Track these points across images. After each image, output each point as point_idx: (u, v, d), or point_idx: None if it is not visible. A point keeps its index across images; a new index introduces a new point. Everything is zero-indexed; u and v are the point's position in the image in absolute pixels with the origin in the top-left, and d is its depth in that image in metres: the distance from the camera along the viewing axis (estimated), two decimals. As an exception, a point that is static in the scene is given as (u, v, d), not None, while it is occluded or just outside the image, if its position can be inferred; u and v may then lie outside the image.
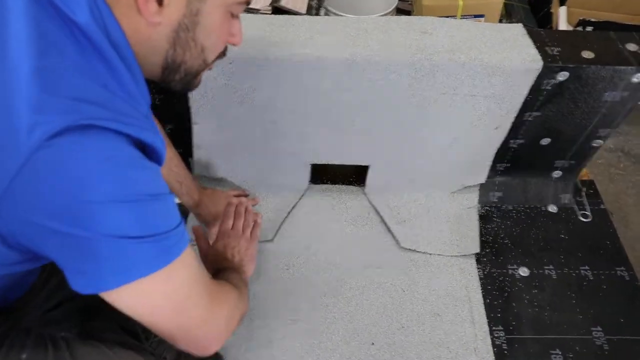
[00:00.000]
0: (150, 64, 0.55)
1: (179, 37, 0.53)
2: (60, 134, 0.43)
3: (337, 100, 0.98)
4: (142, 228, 0.49)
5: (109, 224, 0.46)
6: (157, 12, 0.49)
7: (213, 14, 0.54)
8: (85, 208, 0.45)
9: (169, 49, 0.54)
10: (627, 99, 0.99)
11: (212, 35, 0.56)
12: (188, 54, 0.56)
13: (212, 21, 0.54)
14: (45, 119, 0.43)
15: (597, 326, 1.00)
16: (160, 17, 0.50)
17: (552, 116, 1.03)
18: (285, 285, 1.04)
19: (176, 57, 0.55)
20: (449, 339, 0.97)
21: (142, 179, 0.49)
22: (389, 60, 0.90)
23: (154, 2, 0.49)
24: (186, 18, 0.52)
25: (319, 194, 1.20)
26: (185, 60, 0.56)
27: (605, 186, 1.66)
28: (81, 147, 0.44)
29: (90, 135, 0.44)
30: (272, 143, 1.08)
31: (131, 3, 0.48)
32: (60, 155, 0.43)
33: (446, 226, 1.14)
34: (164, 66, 0.56)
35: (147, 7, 0.48)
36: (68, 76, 0.46)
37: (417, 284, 1.05)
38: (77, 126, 0.43)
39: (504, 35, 0.97)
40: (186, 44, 0.54)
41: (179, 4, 0.50)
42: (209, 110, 1.02)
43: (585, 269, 1.09)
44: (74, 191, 0.44)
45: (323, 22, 0.97)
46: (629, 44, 0.98)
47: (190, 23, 0.52)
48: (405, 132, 1.04)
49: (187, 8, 0.51)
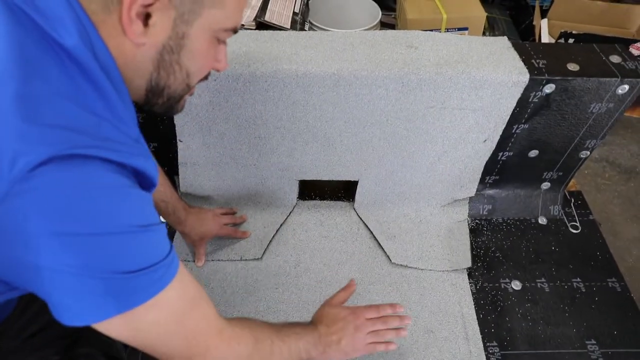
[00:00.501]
0: (134, 87, 0.54)
1: (163, 60, 0.52)
2: (44, 164, 0.41)
3: (324, 115, 0.97)
4: (132, 262, 0.47)
5: (96, 258, 0.45)
6: (142, 32, 0.49)
7: (199, 38, 0.53)
8: (70, 242, 0.44)
9: (153, 71, 0.53)
10: (612, 110, 0.99)
11: (197, 59, 0.55)
12: (172, 78, 0.55)
13: (198, 45, 0.53)
14: (28, 149, 0.41)
15: (592, 339, 0.99)
16: (145, 37, 0.49)
17: (539, 128, 1.03)
18: (275, 304, 1.01)
19: (160, 81, 0.54)
20: (443, 356, 0.95)
21: (131, 209, 0.48)
22: (376, 75, 0.90)
23: (139, 22, 0.48)
24: (171, 40, 0.51)
25: (308, 210, 1.18)
26: (169, 84, 0.55)
27: (593, 196, 1.67)
28: (65, 177, 0.42)
29: (75, 164, 0.43)
30: (259, 160, 1.06)
31: (116, 24, 0.48)
32: (42, 187, 0.41)
33: (437, 241, 1.13)
34: (148, 89, 0.55)
35: (132, 28, 0.48)
36: (53, 103, 0.44)
37: (409, 300, 1.04)
38: (61, 156, 0.42)
39: (490, 48, 0.97)
40: (170, 67, 0.53)
41: (165, 25, 0.49)
42: (194, 128, 1.00)
43: (577, 281, 1.09)
44: (56, 224, 0.43)
45: (308, 37, 0.97)
46: (612, 56, 0.99)
47: (175, 46, 0.52)
48: (393, 146, 1.04)
49: (172, 30, 0.50)
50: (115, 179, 0.46)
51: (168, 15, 0.49)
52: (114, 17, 0.47)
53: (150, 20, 0.48)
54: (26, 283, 0.47)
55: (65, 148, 0.42)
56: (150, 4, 0.47)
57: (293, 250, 1.11)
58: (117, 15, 0.47)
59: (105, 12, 0.47)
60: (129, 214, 0.47)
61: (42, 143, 0.41)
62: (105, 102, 0.48)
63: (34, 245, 0.43)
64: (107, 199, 0.45)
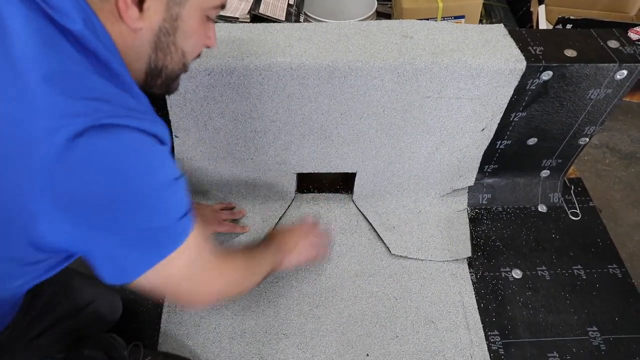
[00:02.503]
0: (134, 70, 0.56)
1: (160, 42, 0.55)
2: (83, 134, 0.44)
3: (320, 107, 0.96)
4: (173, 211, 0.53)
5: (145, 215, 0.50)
6: (138, 17, 0.51)
7: (191, 18, 0.55)
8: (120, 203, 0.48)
9: (151, 53, 0.56)
10: (610, 95, 0.99)
11: (191, 38, 0.58)
12: (169, 58, 0.57)
13: (190, 25, 0.56)
14: (66, 121, 0.44)
15: (593, 326, 0.99)
16: (142, 22, 0.52)
17: (537, 116, 1.02)
18: (275, 298, 1.02)
19: (158, 62, 0.57)
20: (445, 347, 0.95)
21: (165, 165, 0.52)
22: (371, 66, 0.89)
23: (134, 8, 0.50)
24: (166, 22, 0.54)
25: (306, 203, 1.18)
26: (166, 65, 0.58)
27: (593, 183, 1.66)
28: (105, 144, 0.46)
29: (113, 132, 0.46)
30: (256, 153, 1.06)
31: (113, 10, 0.50)
32: (86, 154, 0.45)
33: (436, 231, 1.13)
34: (147, 71, 0.57)
35: (128, 13, 0.50)
36: (81, 77, 0.47)
37: (409, 291, 1.04)
38: (98, 125, 0.45)
39: (486, 36, 0.96)
40: (167, 48, 0.56)
41: (159, 8, 0.52)
42: (190, 123, 0.99)
43: (578, 268, 1.08)
44: (118, 183, 0.47)
45: (302, 29, 0.96)
46: (610, 41, 0.98)
47: (170, 27, 0.54)
48: (390, 137, 1.03)
49: (166, 12, 0.53)
50: (145, 141, 0.49)
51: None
52: (111, 4, 0.49)
53: (144, 5, 0.50)
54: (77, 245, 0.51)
55: (100, 117, 0.45)
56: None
57: (292, 243, 1.10)
58: (113, 2, 0.49)
59: (102, 0, 0.49)
60: (165, 169, 0.52)
61: (80, 114, 0.44)
62: (117, 79, 0.51)
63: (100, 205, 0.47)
64: (145, 158, 0.49)
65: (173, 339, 0.95)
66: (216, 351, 0.94)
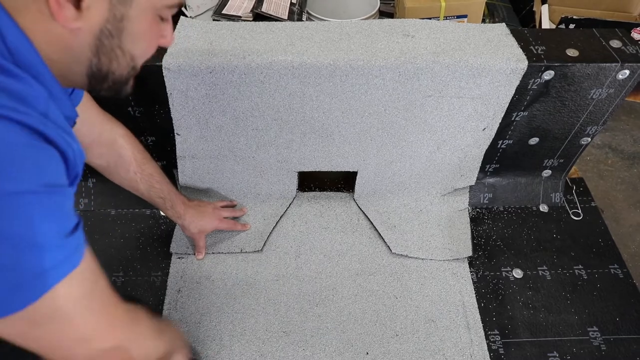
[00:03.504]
0: (73, 73, 0.51)
1: (102, 45, 0.49)
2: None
3: (321, 106, 0.96)
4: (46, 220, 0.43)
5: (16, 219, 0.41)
6: (75, 17, 0.45)
7: (140, 19, 0.50)
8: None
9: (92, 57, 0.50)
10: (613, 95, 0.98)
11: (141, 41, 0.52)
12: (115, 63, 0.52)
13: (139, 27, 0.50)
14: None
15: (594, 326, 0.99)
16: (80, 22, 0.46)
17: (539, 115, 1.02)
18: (276, 296, 1.02)
19: (102, 67, 0.51)
20: (445, 346, 0.95)
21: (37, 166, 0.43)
22: (372, 65, 0.89)
23: (70, 6, 0.45)
24: (109, 24, 0.48)
25: (308, 201, 1.18)
26: (112, 70, 0.52)
27: (595, 183, 1.66)
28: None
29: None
30: (258, 152, 1.06)
31: (43, 9, 0.44)
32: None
33: (437, 230, 1.13)
34: (89, 75, 0.52)
35: (63, 12, 0.44)
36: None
37: (409, 290, 1.04)
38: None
39: (488, 35, 0.96)
40: (112, 52, 0.50)
41: (100, 8, 0.46)
42: (191, 121, 0.99)
43: (579, 268, 1.08)
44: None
45: (304, 28, 0.96)
46: (612, 41, 0.97)
47: (114, 29, 0.48)
48: (392, 136, 1.03)
49: (109, 12, 0.47)
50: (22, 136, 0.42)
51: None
52: (39, 2, 0.44)
53: (82, 3, 0.45)
54: None
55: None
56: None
57: (293, 241, 1.11)
58: (43, 1, 0.44)
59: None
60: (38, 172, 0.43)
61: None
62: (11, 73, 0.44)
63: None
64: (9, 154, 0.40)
65: (174, 336, 0.96)
66: (216, 349, 0.94)
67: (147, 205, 1.04)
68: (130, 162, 0.90)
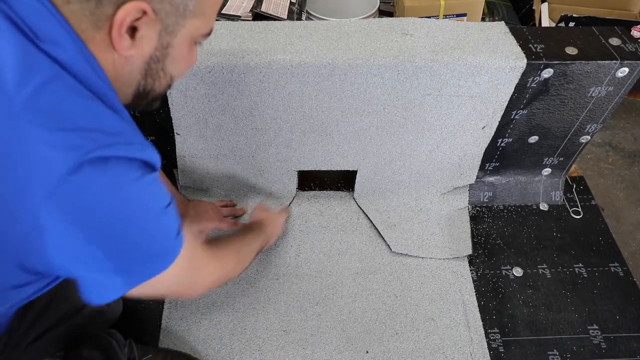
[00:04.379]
0: (123, 95, 0.57)
1: (150, 69, 0.55)
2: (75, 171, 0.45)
3: (320, 105, 0.96)
4: (165, 236, 0.56)
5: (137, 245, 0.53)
6: (130, 45, 0.51)
7: (181, 45, 0.56)
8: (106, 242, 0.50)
9: (141, 79, 0.56)
10: (612, 93, 0.98)
11: (179, 64, 0.59)
12: (157, 83, 0.58)
13: (180, 52, 0.56)
14: (57, 156, 0.44)
15: (594, 324, 0.99)
16: (133, 50, 0.51)
17: (538, 114, 1.02)
18: (276, 295, 1.02)
19: (147, 87, 0.58)
20: (445, 344, 0.96)
21: (155, 194, 0.54)
22: (371, 64, 0.89)
23: (127, 36, 0.50)
24: (157, 51, 0.54)
25: (307, 200, 1.18)
26: (154, 89, 0.59)
27: (596, 181, 1.66)
28: (102, 180, 0.47)
29: (103, 167, 0.47)
30: (257, 151, 1.06)
31: (105, 39, 0.49)
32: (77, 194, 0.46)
33: (437, 228, 1.13)
34: (135, 95, 0.58)
35: (121, 42, 0.49)
36: (70, 105, 0.47)
37: (409, 288, 1.04)
38: (89, 160, 0.45)
39: (487, 34, 0.96)
40: (156, 74, 0.57)
41: (151, 38, 0.52)
42: (191, 120, 0.99)
43: (579, 267, 1.08)
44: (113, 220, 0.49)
45: (303, 27, 0.96)
46: (611, 39, 0.97)
47: (160, 55, 0.55)
48: (391, 135, 1.03)
49: (158, 42, 0.53)
50: (134, 172, 0.50)
51: (154, 29, 0.51)
52: (103, 33, 0.49)
53: (137, 34, 0.50)
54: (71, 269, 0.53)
55: (90, 150, 0.45)
56: (138, 19, 0.49)
57: (293, 240, 1.11)
58: (105, 31, 0.49)
59: (95, 30, 0.49)
60: (157, 199, 0.54)
61: (70, 147, 0.45)
62: (107, 104, 0.51)
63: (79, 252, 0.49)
64: (136, 194, 0.51)
65: (174, 335, 0.96)
66: (217, 347, 0.94)
67: (147, 205, 1.04)
68: None
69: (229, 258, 0.78)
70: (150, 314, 0.98)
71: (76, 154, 0.44)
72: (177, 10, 0.51)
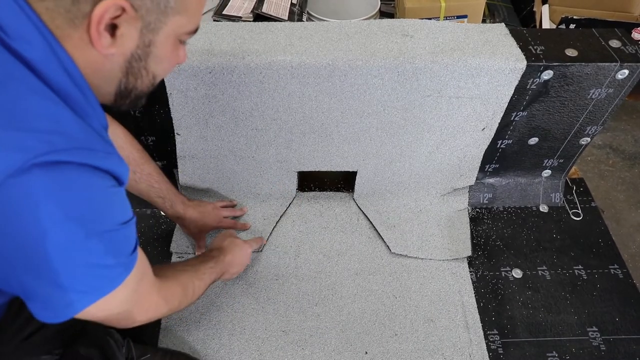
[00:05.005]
0: (103, 93, 0.56)
1: (132, 67, 0.54)
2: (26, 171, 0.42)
3: (320, 106, 0.96)
4: (115, 256, 0.53)
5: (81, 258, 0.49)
6: (110, 44, 0.50)
7: (164, 43, 0.55)
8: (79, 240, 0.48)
9: (122, 77, 0.55)
10: (612, 95, 0.98)
11: (163, 62, 0.58)
12: (140, 81, 0.57)
13: (163, 50, 0.55)
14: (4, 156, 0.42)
15: (593, 326, 0.99)
16: (114, 48, 0.50)
17: (538, 115, 1.02)
18: (275, 295, 1.02)
19: (128, 85, 0.56)
20: (444, 345, 0.96)
21: (119, 207, 0.53)
22: (371, 65, 0.89)
23: (107, 35, 0.49)
24: (139, 49, 0.53)
25: (307, 201, 1.18)
26: (136, 87, 0.58)
27: (596, 183, 1.66)
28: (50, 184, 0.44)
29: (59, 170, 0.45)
30: (257, 151, 1.06)
31: (83, 36, 0.48)
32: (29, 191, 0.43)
33: (437, 230, 1.13)
34: (117, 93, 0.57)
35: (100, 40, 0.48)
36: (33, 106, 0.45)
37: (409, 289, 1.04)
38: (41, 163, 0.43)
39: (487, 35, 0.96)
40: (138, 72, 0.56)
41: (132, 35, 0.51)
42: (191, 121, 1.00)
43: (579, 269, 1.08)
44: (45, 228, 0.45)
45: (303, 28, 0.96)
46: (612, 41, 0.97)
47: (142, 53, 0.54)
48: (391, 136, 1.03)
49: (140, 39, 0.52)
50: (96, 181, 0.49)
51: (135, 26, 0.50)
52: (81, 30, 0.48)
53: (117, 32, 0.49)
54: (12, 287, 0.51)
55: (45, 153, 0.43)
56: (117, 16, 0.48)
57: (293, 241, 1.11)
58: (83, 29, 0.48)
59: (71, 27, 0.48)
60: (117, 213, 0.52)
61: (17, 149, 0.42)
62: (77, 107, 0.50)
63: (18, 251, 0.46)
64: (93, 203, 0.49)
65: (173, 335, 0.96)
66: (216, 347, 0.94)
67: (148, 205, 1.04)
68: (128, 162, 0.91)
69: (174, 297, 0.72)
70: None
71: (25, 156, 0.42)
72: (158, 7, 0.50)
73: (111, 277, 0.54)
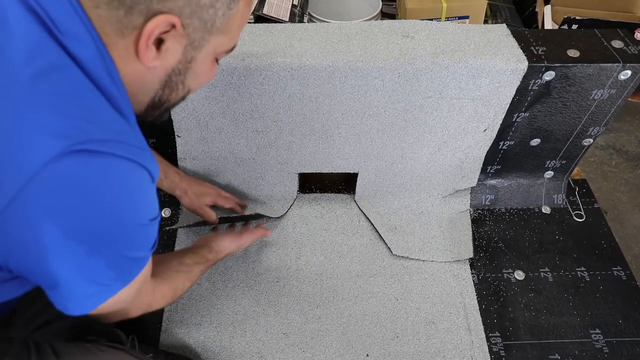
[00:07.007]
0: (137, 102, 0.57)
1: (170, 81, 0.56)
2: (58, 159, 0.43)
3: (321, 107, 0.96)
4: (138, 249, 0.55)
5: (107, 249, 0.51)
6: (155, 57, 0.51)
7: (204, 61, 0.56)
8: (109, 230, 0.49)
9: (159, 89, 0.57)
10: (614, 96, 0.98)
11: (199, 79, 0.59)
12: (174, 94, 0.59)
13: (202, 67, 0.57)
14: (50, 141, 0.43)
15: (596, 329, 0.98)
16: (157, 61, 0.52)
17: (540, 116, 1.02)
18: (276, 297, 1.02)
19: (163, 97, 0.58)
20: (445, 348, 0.95)
21: (151, 203, 0.54)
22: (371, 66, 0.89)
23: (153, 48, 0.50)
24: (180, 64, 0.54)
25: (308, 203, 1.18)
26: (169, 100, 0.59)
27: (599, 184, 1.64)
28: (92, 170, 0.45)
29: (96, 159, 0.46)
30: (258, 153, 1.06)
31: (129, 47, 0.50)
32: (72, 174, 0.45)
33: (438, 231, 1.12)
34: (150, 104, 0.58)
35: (147, 53, 0.50)
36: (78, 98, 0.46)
37: (410, 291, 1.03)
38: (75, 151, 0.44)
39: (488, 36, 0.96)
40: (175, 86, 0.57)
41: (176, 51, 0.52)
42: (192, 123, 1.00)
43: (582, 270, 1.08)
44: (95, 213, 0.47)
45: (303, 29, 0.96)
46: (614, 41, 0.97)
47: (183, 68, 0.55)
48: (392, 137, 1.03)
49: (183, 55, 0.53)
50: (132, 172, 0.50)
51: (180, 42, 0.51)
52: (128, 40, 0.49)
53: (163, 46, 0.50)
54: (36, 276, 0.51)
55: (84, 141, 0.44)
56: (166, 32, 0.49)
57: (294, 243, 1.11)
58: (131, 40, 0.49)
59: (119, 36, 0.49)
60: (149, 209, 0.53)
61: (58, 135, 0.43)
62: (117, 108, 0.51)
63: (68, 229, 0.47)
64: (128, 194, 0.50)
65: (174, 337, 0.96)
66: (217, 350, 0.94)
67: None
68: None
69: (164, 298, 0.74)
70: (151, 316, 0.98)
71: (64, 143, 0.43)
72: (205, 27, 0.52)
73: (130, 270, 0.56)
